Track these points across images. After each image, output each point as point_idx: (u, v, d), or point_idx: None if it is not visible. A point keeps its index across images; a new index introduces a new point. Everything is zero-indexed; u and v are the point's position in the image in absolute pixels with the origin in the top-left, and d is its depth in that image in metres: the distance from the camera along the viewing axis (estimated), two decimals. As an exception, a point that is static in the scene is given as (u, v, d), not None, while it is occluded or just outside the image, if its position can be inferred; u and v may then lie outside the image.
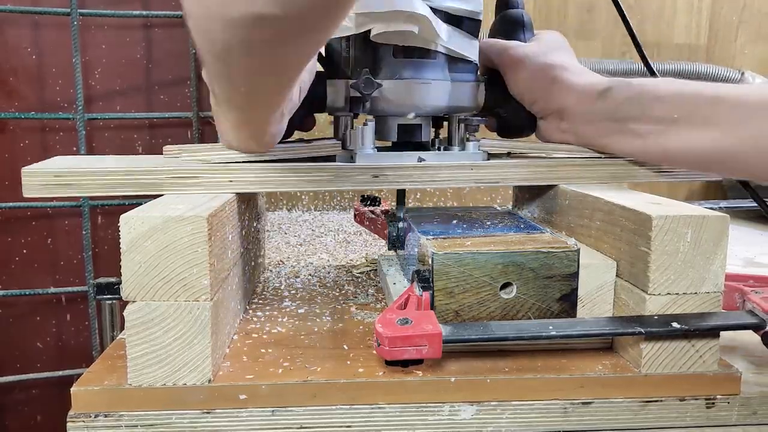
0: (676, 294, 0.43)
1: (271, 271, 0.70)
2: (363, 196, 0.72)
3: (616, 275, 0.47)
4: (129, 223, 0.40)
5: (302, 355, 0.46)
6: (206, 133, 1.24)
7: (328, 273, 0.69)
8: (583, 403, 0.43)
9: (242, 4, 0.32)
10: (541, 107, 0.60)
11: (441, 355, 0.42)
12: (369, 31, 0.53)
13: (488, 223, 0.55)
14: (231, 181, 0.49)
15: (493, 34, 0.64)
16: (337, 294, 0.61)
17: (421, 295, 0.45)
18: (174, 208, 0.42)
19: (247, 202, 0.55)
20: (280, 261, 0.75)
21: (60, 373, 1.23)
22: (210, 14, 0.34)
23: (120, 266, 0.40)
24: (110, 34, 1.20)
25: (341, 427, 0.42)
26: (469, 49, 0.57)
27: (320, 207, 1.07)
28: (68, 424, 0.40)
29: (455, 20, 0.55)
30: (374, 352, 0.45)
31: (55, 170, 0.47)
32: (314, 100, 0.56)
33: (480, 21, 0.57)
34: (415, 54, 0.55)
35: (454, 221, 0.55)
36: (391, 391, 0.42)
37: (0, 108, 1.17)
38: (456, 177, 0.54)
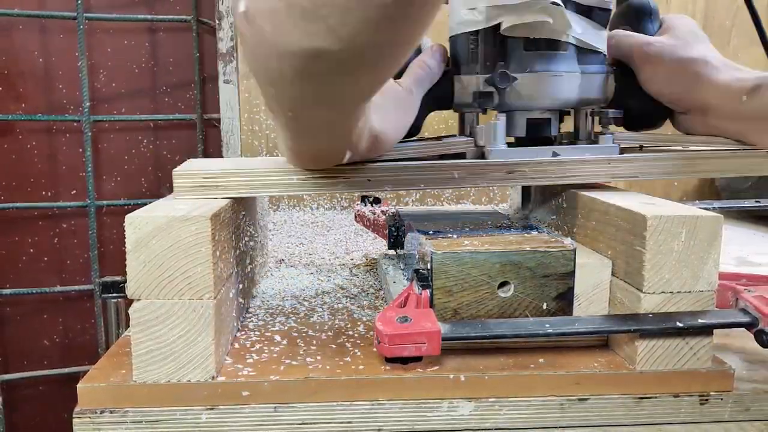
0: (671, 292, 0.44)
1: (272, 270, 0.71)
2: (363, 196, 0.72)
3: (612, 274, 0.47)
4: (134, 223, 0.40)
5: (303, 352, 0.46)
6: (210, 135, 1.25)
7: (329, 272, 0.69)
8: (579, 400, 0.43)
9: (300, 36, 0.30)
10: (684, 105, 0.57)
11: (440, 353, 0.42)
12: (498, 24, 0.52)
13: (487, 223, 0.56)
14: (369, 180, 0.50)
15: (616, 24, 0.62)
16: (338, 292, 0.62)
17: (421, 294, 0.45)
18: (177, 209, 0.42)
19: (245, 203, 0.55)
20: (282, 260, 0.75)
21: (66, 370, 1.24)
22: (264, 43, 0.32)
23: (125, 265, 0.40)
24: (116, 38, 1.21)
25: (342, 423, 0.42)
26: (599, 39, 0.55)
27: (321, 206, 1.07)
28: (74, 420, 0.41)
29: (585, 10, 0.54)
30: (374, 349, 0.46)
31: (204, 171, 0.48)
32: (439, 98, 0.56)
33: (610, 11, 0.55)
34: (546, 46, 0.54)
35: (453, 221, 0.56)
36: (391, 387, 0.43)
37: (7, 110, 1.18)
38: (592, 172, 0.53)
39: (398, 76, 0.53)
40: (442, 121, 1.05)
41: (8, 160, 1.19)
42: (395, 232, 0.63)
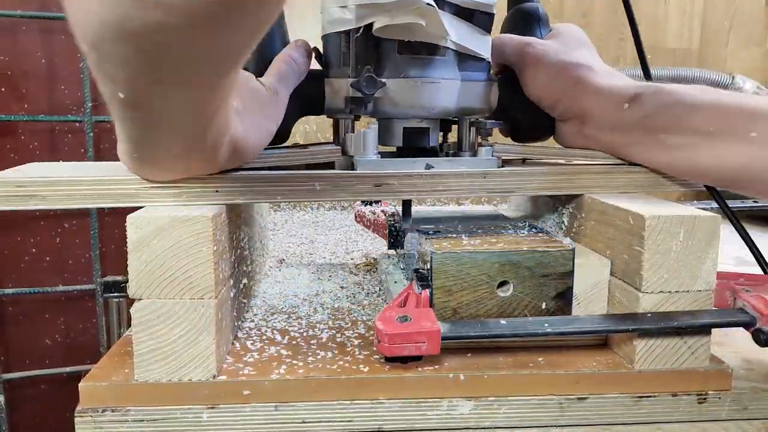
0: (669, 292, 0.44)
1: (272, 269, 0.71)
2: None
3: (611, 274, 0.48)
4: (135, 223, 0.40)
5: (304, 351, 0.47)
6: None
7: (329, 272, 0.70)
8: (578, 399, 0.44)
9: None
10: (563, 110, 0.55)
11: (440, 352, 0.42)
12: (371, 24, 0.49)
13: (486, 223, 0.56)
14: (217, 191, 0.45)
15: (505, 29, 0.60)
16: (338, 292, 0.62)
17: (421, 293, 0.46)
18: (179, 209, 0.43)
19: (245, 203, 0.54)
20: (282, 260, 0.76)
21: (68, 369, 1.24)
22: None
23: (127, 265, 0.41)
24: (117, 38, 1.22)
25: (342, 421, 0.42)
26: (480, 45, 0.52)
27: (322, 207, 1.08)
28: (76, 419, 0.41)
29: (466, 13, 0.51)
30: (374, 348, 0.46)
31: (16, 180, 0.43)
32: (308, 101, 0.52)
33: (493, 15, 0.52)
34: (422, 50, 0.50)
35: (453, 221, 0.56)
36: (391, 386, 0.43)
37: (10, 111, 1.18)
38: (467, 186, 0.50)
39: (260, 73, 0.49)
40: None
41: (11, 161, 1.19)
42: (395, 232, 0.63)
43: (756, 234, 0.49)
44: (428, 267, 0.46)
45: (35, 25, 1.18)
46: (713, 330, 0.44)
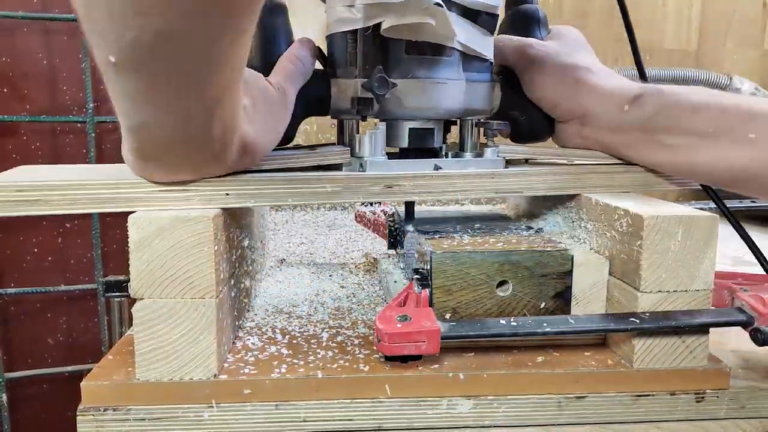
0: (667, 292, 0.44)
1: (273, 269, 0.71)
2: None
3: (609, 273, 0.48)
4: (137, 223, 0.41)
5: (304, 351, 0.47)
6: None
7: (330, 271, 0.70)
8: (577, 398, 0.44)
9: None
10: (563, 111, 0.55)
11: (439, 351, 0.43)
12: (379, 24, 0.48)
13: (485, 223, 0.56)
14: (227, 194, 0.45)
15: (504, 30, 0.59)
16: (338, 292, 0.62)
17: (420, 293, 0.46)
18: (180, 209, 0.43)
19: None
20: (283, 259, 0.76)
21: (70, 368, 1.25)
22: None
23: (128, 265, 0.41)
24: (119, 39, 1.22)
25: (343, 420, 0.43)
26: (485, 46, 0.52)
27: (322, 207, 1.08)
28: (78, 418, 0.41)
29: (471, 14, 0.51)
30: (374, 348, 0.46)
31: (18, 184, 0.42)
32: (314, 102, 0.51)
33: (497, 16, 0.52)
34: (429, 51, 0.50)
35: (452, 222, 0.56)
36: (391, 385, 0.43)
37: (12, 111, 1.19)
38: (476, 186, 0.50)
39: (266, 73, 0.48)
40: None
41: (13, 161, 1.20)
42: (395, 232, 0.63)
43: (754, 234, 0.49)
44: (428, 267, 0.46)
45: (37, 26, 1.18)
46: (711, 329, 0.44)
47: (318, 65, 0.54)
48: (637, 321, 0.43)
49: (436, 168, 0.50)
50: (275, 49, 0.51)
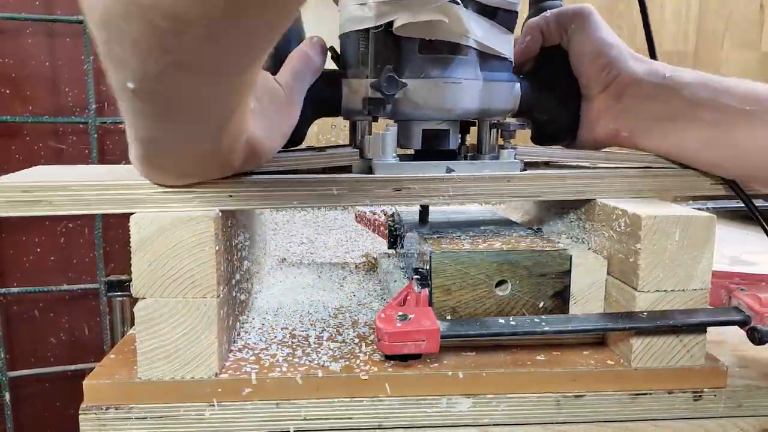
0: (665, 291, 0.44)
1: (274, 269, 0.71)
2: None
3: (607, 273, 0.48)
4: (139, 223, 0.41)
5: (305, 349, 0.47)
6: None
7: (330, 271, 0.70)
8: (576, 396, 0.44)
9: None
10: (606, 77, 0.52)
11: (439, 350, 0.43)
12: (391, 23, 0.47)
13: (484, 224, 0.56)
14: (231, 196, 0.44)
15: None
16: (339, 291, 0.62)
17: (420, 293, 0.46)
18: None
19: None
20: (283, 259, 0.76)
21: (72, 367, 1.25)
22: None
23: (130, 264, 0.41)
24: (121, 40, 1.23)
25: (343, 419, 0.43)
26: (503, 44, 0.50)
27: (323, 207, 1.08)
28: (80, 416, 0.42)
29: (489, 11, 0.49)
30: (375, 347, 0.47)
31: (24, 185, 0.42)
32: (325, 102, 0.50)
33: (516, 13, 0.51)
34: (444, 50, 0.48)
35: (452, 222, 0.56)
36: (391, 384, 0.43)
37: (15, 112, 1.19)
38: (490, 190, 0.48)
39: (275, 72, 0.47)
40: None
41: (16, 162, 1.20)
42: (394, 232, 0.63)
43: (754, 234, 0.49)
44: (427, 266, 0.46)
45: (40, 28, 1.19)
46: (709, 328, 0.45)
47: (333, 65, 0.53)
48: (635, 320, 0.44)
49: (448, 170, 0.49)
50: (285, 48, 0.50)
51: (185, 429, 0.42)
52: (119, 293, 0.49)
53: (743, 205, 0.48)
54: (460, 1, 0.46)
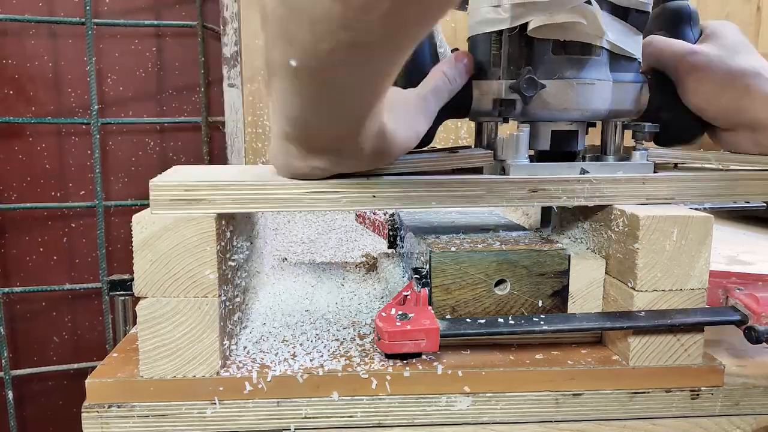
0: (663, 290, 0.44)
1: (275, 268, 0.72)
2: None
3: (606, 272, 0.48)
4: (141, 222, 0.41)
5: (306, 348, 0.47)
6: (214, 138, 1.26)
7: (330, 270, 0.70)
8: (574, 395, 0.44)
9: None
10: (730, 120, 0.51)
11: (438, 349, 0.43)
12: (524, 25, 0.47)
13: (484, 224, 0.56)
14: (374, 196, 0.45)
15: (650, 28, 0.56)
16: (339, 291, 0.63)
17: (420, 292, 0.46)
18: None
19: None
20: (284, 258, 0.77)
21: (75, 365, 1.26)
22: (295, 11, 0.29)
23: (132, 264, 0.41)
24: (123, 43, 1.23)
25: (343, 417, 0.43)
26: (634, 45, 0.50)
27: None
28: (83, 414, 0.42)
29: (621, 12, 0.49)
30: (375, 345, 0.47)
31: (186, 183, 0.43)
32: (454, 104, 0.50)
33: (648, 13, 0.50)
34: (577, 51, 0.48)
35: (452, 222, 0.57)
36: (391, 382, 0.43)
37: (18, 113, 1.20)
38: (625, 192, 0.48)
39: (411, 86, 0.48)
40: (451, 132, 1.05)
41: (19, 162, 1.21)
42: (394, 232, 0.63)
43: (754, 234, 0.50)
44: (427, 266, 0.47)
45: (43, 29, 1.19)
46: (706, 327, 0.45)
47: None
48: (633, 319, 0.44)
49: (583, 172, 0.48)
50: (420, 60, 0.50)
51: (187, 427, 0.43)
52: (122, 292, 0.50)
53: (742, 204, 0.48)
54: (595, 2, 0.46)
